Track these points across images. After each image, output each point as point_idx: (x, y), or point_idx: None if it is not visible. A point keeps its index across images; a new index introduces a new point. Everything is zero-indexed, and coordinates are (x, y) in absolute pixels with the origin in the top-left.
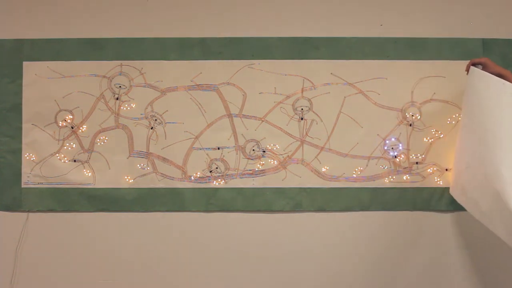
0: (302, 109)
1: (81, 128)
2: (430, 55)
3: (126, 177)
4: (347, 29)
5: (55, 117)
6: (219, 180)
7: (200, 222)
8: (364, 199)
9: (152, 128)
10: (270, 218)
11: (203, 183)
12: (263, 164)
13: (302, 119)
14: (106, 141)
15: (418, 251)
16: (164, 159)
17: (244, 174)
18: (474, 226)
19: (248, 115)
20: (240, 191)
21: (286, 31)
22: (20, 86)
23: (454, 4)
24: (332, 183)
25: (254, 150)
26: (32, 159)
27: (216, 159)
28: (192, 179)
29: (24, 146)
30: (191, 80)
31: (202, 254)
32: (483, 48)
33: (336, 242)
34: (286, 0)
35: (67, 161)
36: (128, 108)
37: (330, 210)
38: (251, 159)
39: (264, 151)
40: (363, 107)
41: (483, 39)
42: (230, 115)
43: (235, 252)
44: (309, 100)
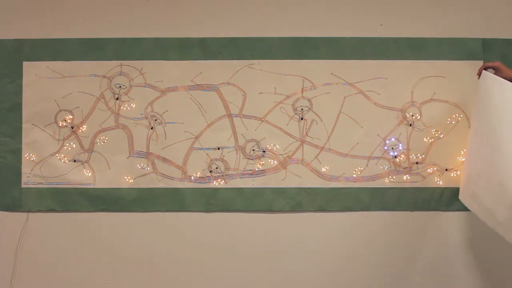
0: (302, 109)
1: (81, 128)
2: (430, 55)
3: (126, 177)
4: (347, 29)
5: (55, 117)
6: (219, 180)
7: (200, 222)
8: (364, 199)
9: (152, 128)
10: (270, 218)
11: (203, 183)
12: (263, 164)
13: (302, 119)
14: (106, 141)
15: (418, 251)
16: (164, 159)
17: (244, 174)
18: (474, 226)
19: (248, 115)
20: (240, 191)
21: (286, 31)
22: (20, 86)
23: (454, 4)
24: (332, 183)
25: (254, 150)
26: (32, 159)
27: (216, 159)
28: (192, 179)
29: (24, 146)
30: (191, 80)
31: (202, 254)
32: (483, 48)
33: (336, 242)
34: (286, 0)
35: (67, 161)
36: (128, 108)
37: (330, 210)
38: (251, 159)
39: (264, 151)
40: (363, 107)
41: (483, 39)
42: (230, 115)
43: (235, 252)
44: (309, 100)
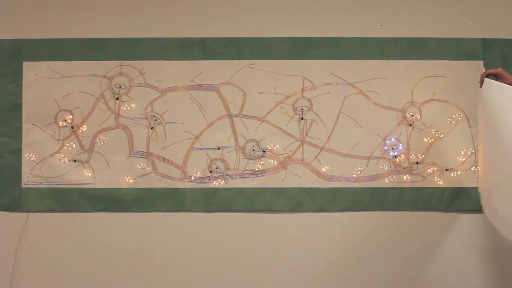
0: (302, 109)
1: (81, 128)
2: (430, 55)
3: (126, 177)
4: (347, 29)
5: (55, 117)
6: (219, 180)
7: (200, 222)
8: (364, 199)
9: (152, 128)
10: (270, 218)
11: (203, 183)
12: (263, 164)
13: (302, 119)
14: (106, 141)
15: (418, 251)
16: (164, 159)
17: (244, 174)
18: (474, 226)
19: (248, 115)
20: (240, 191)
21: (286, 31)
22: (20, 86)
23: (454, 4)
24: (332, 183)
25: (254, 150)
26: (32, 159)
27: (216, 159)
28: (192, 179)
29: (24, 146)
30: (191, 80)
31: (202, 254)
32: (483, 48)
33: (336, 242)
34: (286, 0)
35: (67, 161)
36: (128, 108)
37: (330, 210)
38: (251, 159)
39: (264, 151)
40: (363, 107)
41: (483, 39)
42: (230, 115)
43: (235, 252)
44: (309, 100)
